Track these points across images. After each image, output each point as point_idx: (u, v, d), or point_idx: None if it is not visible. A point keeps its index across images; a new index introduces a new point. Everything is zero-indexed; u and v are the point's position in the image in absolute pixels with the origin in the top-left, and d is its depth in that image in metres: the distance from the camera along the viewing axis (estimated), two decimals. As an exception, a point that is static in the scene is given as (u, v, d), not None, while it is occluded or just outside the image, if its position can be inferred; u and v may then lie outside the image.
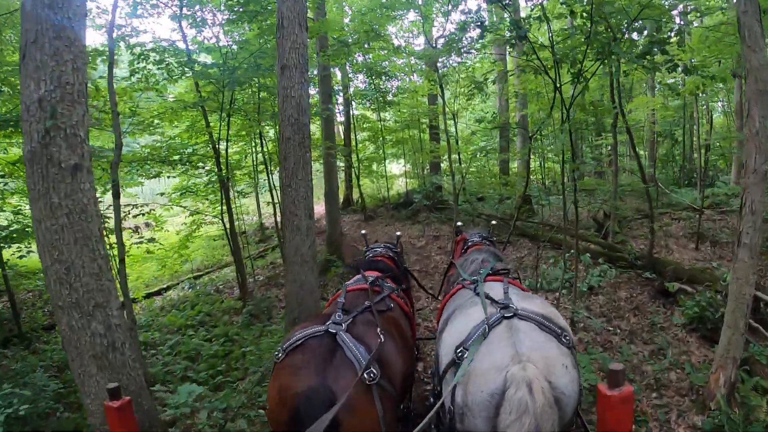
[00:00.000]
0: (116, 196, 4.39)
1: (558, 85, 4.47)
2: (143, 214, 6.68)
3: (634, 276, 7.14)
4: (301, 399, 1.90)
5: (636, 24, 3.89)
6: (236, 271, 7.80)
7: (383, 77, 13.92)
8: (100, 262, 2.70)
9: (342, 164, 14.22)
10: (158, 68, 6.07)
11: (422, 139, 14.21)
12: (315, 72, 8.36)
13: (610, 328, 5.75)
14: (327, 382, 1.95)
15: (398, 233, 4.58)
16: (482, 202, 12.65)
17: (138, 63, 6.07)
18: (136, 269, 11.03)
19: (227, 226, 7.47)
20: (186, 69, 6.08)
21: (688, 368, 4.91)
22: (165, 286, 9.95)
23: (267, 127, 10.45)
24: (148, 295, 9.44)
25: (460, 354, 2.04)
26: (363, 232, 4.80)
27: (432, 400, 2.48)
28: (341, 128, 15.18)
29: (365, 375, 2.00)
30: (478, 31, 4.65)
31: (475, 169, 12.38)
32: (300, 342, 2.14)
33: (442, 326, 2.56)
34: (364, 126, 15.12)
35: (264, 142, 7.90)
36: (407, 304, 3.28)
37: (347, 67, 14.24)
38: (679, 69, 3.77)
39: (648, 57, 3.70)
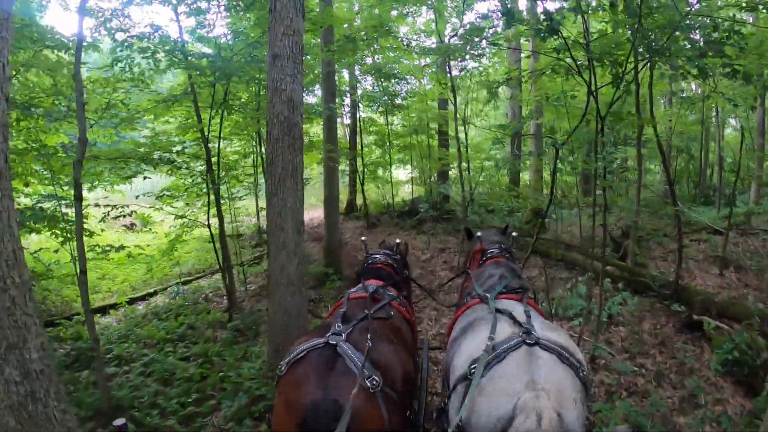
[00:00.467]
0: (78, 198, 3.80)
1: (593, 88, 3.85)
2: (123, 216, 6.11)
3: (657, 304, 6.50)
4: (307, 413, 1.91)
5: (688, 21, 3.28)
6: (224, 280, 7.20)
7: (392, 80, 13.39)
8: (12, 292, 2.11)
9: (346, 168, 13.67)
10: (143, 57, 5.51)
11: (430, 145, 13.62)
12: (318, 70, 7.82)
13: (635, 368, 5.10)
14: (331, 394, 1.95)
15: (398, 240, 4.30)
16: (491, 214, 12.04)
17: (121, 51, 5.51)
18: (123, 271, 10.49)
19: (216, 230, 6.90)
20: (174, 59, 5.51)
21: (725, 422, 4.26)
22: (152, 290, 9.38)
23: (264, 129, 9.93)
24: (132, 300, 8.86)
25: (473, 370, 1.99)
26: (363, 238, 4.58)
27: (434, 414, 2.39)
28: (347, 131, 14.64)
29: (368, 383, 2.02)
30: (500, 23, 4.05)
31: (485, 179, 11.75)
32: (301, 355, 2.16)
33: (457, 336, 2.48)
34: (371, 129, 14.58)
35: (261, 141, 7.31)
36: (408, 312, 3.21)
37: (356, 69, 13.75)
38: (739, 76, 3.16)
39: (705, 59, 3.08)
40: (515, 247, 9.48)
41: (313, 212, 16.15)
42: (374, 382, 2.05)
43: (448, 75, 8.22)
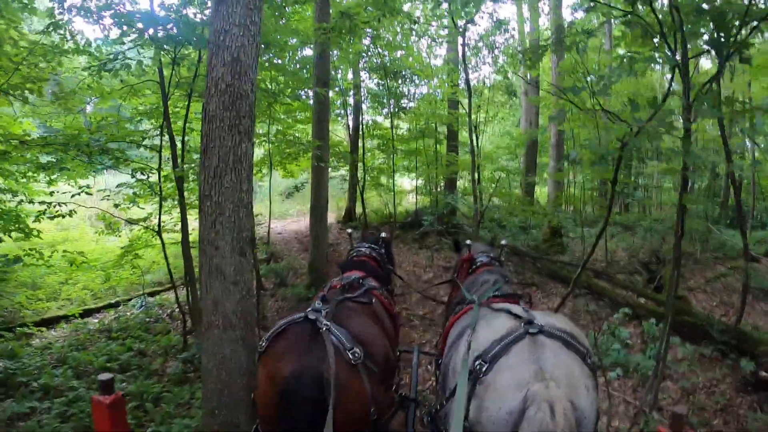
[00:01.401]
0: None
1: (677, 61, 2.66)
2: (53, 218, 4.98)
3: (709, 352, 5.27)
4: (290, 382, 1.89)
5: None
6: (187, 297, 6.05)
7: (399, 80, 12.31)
8: None
9: (344, 171, 12.52)
10: (86, 20, 4.40)
11: (438, 151, 12.47)
12: (308, 50, 6.72)
13: (697, 446, 3.88)
14: (313, 364, 1.93)
15: (383, 234, 4.15)
16: (503, 230, 10.83)
17: (59, 12, 4.41)
18: (89, 275, 9.31)
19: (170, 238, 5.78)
20: (124, 24, 4.38)
21: None
22: (114, 301, 8.25)
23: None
24: (88, 312, 7.72)
25: (478, 367, 1.89)
26: (349, 231, 4.49)
27: (427, 419, 2.32)
28: (346, 134, 13.52)
29: (350, 354, 2.03)
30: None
31: (497, 191, 10.54)
32: (281, 329, 2.14)
33: (455, 340, 2.34)
34: (375, 133, 13.44)
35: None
36: (390, 304, 3.19)
37: (360, 64, 12.68)
38: None
39: None
40: (533, 270, 8.26)
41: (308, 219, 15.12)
42: (356, 355, 2.05)
43: (461, 67, 7.04)
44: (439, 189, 12.21)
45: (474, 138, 7.62)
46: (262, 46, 5.58)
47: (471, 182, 8.36)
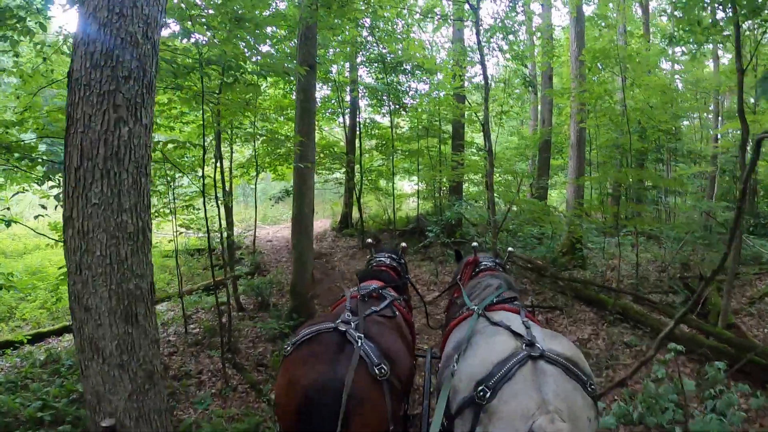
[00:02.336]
0: None
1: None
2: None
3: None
4: (312, 390, 1.88)
5: None
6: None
7: (399, 75, 11.30)
8: None
9: (340, 174, 11.49)
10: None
11: (442, 152, 11.41)
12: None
13: None
14: (338, 375, 1.90)
15: (403, 244, 4.06)
16: (517, 240, 9.75)
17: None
18: (42, 294, 8.20)
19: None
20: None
21: None
22: (70, 322, 7.15)
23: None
24: (40, 337, 6.66)
25: (481, 393, 1.80)
26: (369, 240, 4.36)
27: None
28: (343, 134, 12.49)
29: (376, 370, 2.00)
30: None
31: (508, 197, 9.47)
32: (309, 337, 2.11)
33: (452, 352, 2.24)
34: (373, 133, 12.41)
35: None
36: (409, 314, 3.20)
37: (358, 62, 11.67)
38: None
39: None
40: (553, 288, 7.17)
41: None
42: (383, 371, 2.02)
43: (471, 54, 5.97)
44: (442, 193, 11.15)
45: (489, 134, 6.51)
46: (236, 22, 4.53)
47: (486, 187, 7.26)
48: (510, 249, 4.12)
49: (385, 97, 11.10)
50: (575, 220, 7.42)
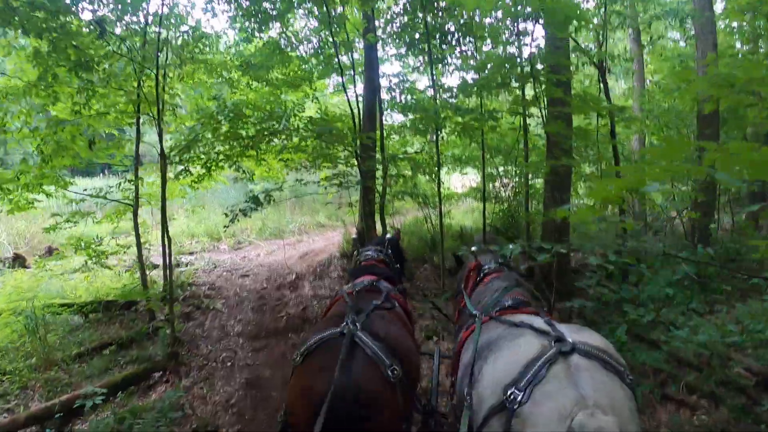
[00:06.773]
0: None
1: None
2: None
3: None
4: (328, 398, 1.84)
5: None
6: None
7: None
8: None
9: (350, 168, 6.98)
10: None
11: (521, 127, 6.80)
12: None
13: None
14: (352, 380, 1.91)
15: (388, 235, 3.97)
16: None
17: None
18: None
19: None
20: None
21: None
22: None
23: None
24: None
25: (512, 397, 1.67)
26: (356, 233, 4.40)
27: None
28: (360, 109, 7.94)
29: (389, 372, 2.00)
30: None
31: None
32: (317, 345, 2.11)
33: (471, 360, 2.07)
34: (400, 103, 7.78)
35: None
36: (406, 302, 3.14)
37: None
38: None
39: None
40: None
41: (313, 243, 10.11)
42: (395, 372, 2.02)
43: None
44: (531, 191, 6.54)
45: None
46: None
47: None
48: (511, 246, 3.47)
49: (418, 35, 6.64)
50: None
